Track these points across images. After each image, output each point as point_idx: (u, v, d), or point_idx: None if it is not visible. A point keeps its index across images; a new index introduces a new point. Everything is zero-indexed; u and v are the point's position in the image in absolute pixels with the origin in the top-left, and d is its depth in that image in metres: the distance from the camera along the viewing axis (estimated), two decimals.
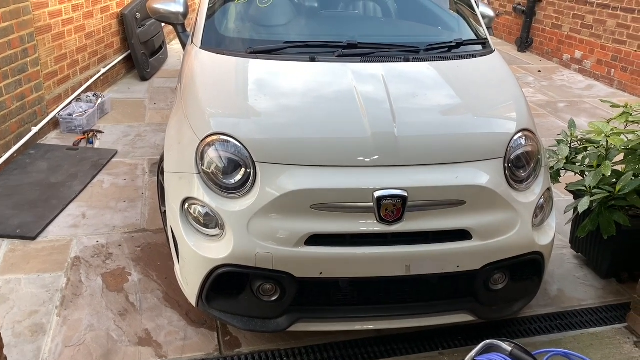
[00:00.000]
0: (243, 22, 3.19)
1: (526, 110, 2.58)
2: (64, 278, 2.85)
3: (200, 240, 2.23)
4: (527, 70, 7.41)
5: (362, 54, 2.74)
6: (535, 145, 2.43)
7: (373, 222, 2.15)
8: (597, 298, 2.91)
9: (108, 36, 5.73)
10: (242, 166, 2.20)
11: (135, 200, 3.63)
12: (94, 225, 3.33)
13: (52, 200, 3.53)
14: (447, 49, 2.92)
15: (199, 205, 2.24)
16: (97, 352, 2.40)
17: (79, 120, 4.58)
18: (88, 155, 4.19)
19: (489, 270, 2.29)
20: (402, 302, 2.36)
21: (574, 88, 6.71)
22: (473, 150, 2.30)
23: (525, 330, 2.65)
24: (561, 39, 7.73)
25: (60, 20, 4.77)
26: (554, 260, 3.12)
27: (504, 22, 9.07)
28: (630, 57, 6.57)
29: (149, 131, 4.78)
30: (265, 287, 2.23)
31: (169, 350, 2.44)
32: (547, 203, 2.46)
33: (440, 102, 2.59)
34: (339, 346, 2.49)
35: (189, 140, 2.35)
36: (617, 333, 2.66)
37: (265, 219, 2.14)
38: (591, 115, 5.63)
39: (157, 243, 3.18)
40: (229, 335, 2.53)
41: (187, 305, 2.62)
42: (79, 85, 5.10)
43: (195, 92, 2.56)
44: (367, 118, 2.30)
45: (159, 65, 6.67)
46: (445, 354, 2.48)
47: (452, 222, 2.21)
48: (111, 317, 2.60)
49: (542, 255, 2.39)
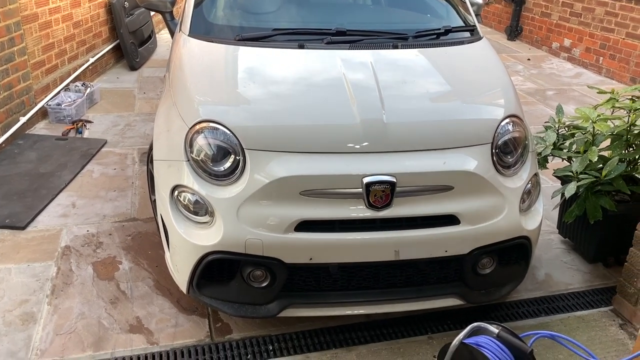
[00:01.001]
0: (231, 9, 3.18)
1: (513, 97, 2.60)
2: (54, 267, 2.85)
3: (190, 228, 2.24)
4: (516, 58, 7.44)
5: (350, 41, 2.74)
6: (522, 131, 2.45)
7: (362, 208, 2.17)
8: (584, 282, 2.95)
9: (96, 25, 5.68)
10: (232, 153, 2.20)
11: (125, 190, 3.63)
12: (84, 214, 3.33)
13: (42, 190, 3.52)
14: (436, 36, 2.93)
15: (188, 192, 2.24)
16: (89, 339, 2.41)
17: (68, 110, 4.55)
18: (77, 145, 4.17)
19: (477, 254, 2.31)
20: (391, 286, 2.38)
21: (562, 76, 6.75)
22: (461, 136, 2.32)
23: (514, 314, 2.69)
24: (550, 27, 7.76)
25: (47, 9, 4.72)
26: (542, 245, 3.16)
27: (494, 11, 9.08)
28: (618, 45, 6.61)
29: (139, 121, 4.76)
30: (255, 274, 2.24)
31: (160, 337, 2.45)
32: (534, 188, 2.48)
33: (429, 88, 2.60)
34: (329, 331, 2.52)
35: (177, 127, 2.35)
36: (603, 316, 2.70)
37: (255, 206, 2.15)
38: (579, 103, 5.67)
39: (148, 232, 3.18)
40: (220, 322, 2.55)
41: (178, 292, 2.63)
42: (67, 74, 5.06)
43: (183, 80, 2.56)
44: (356, 105, 2.31)
45: (148, 54, 6.62)
46: (434, 337, 2.51)
47: (441, 207, 2.23)
48: (102, 305, 2.61)
49: (530, 239, 2.41)
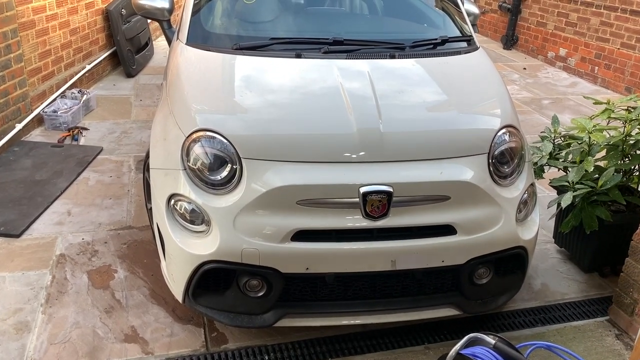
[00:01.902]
0: (229, 18, 3.18)
1: (510, 107, 2.61)
2: (49, 275, 2.83)
3: (186, 237, 2.23)
4: (512, 67, 7.47)
5: (347, 51, 2.75)
6: (518, 141, 2.46)
7: (359, 218, 2.17)
8: (580, 292, 2.95)
9: (93, 32, 5.68)
10: (228, 162, 2.20)
11: (121, 198, 3.61)
12: (80, 222, 3.31)
13: (37, 198, 3.50)
14: (432, 46, 2.94)
15: (185, 201, 2.23)
16: (83, 349, 2.39)
17: (64, 117, 4.54)
18: (73, 152, 4.16)
19: (473, 264, 2.31)
20: (388, 297, 2.38)
21: (558, 85, 6.78)
22: (457, 146, 2.32)
23: (510, 324, 2.68)
24: (546, 36, 7.80)
25: (44, 16, 4.72)
26: (538, 255, 3.16)
27: (490, 20, 9.13)
28: (613, 55, 6.65)
29: (135, 128, 4.75)
30: (251, 283, 2.23)
31: (155, 346, 2.43)
32: (530, 198, 2.49)
33: (425, 98, 2.61)
34: (325, 341, 2.51)
35: (174, 136, 2.35)
36: (599, 326, 2.70)
37: (251, 215, 2.14)
38: (575, 112, 5.70)
39: (143, 240, 3.16)
40: (216, 332, 2.54)
41: (173, 301, 2.61)
42: (63, 81, 5.05)
43: (181, 88, 2.56)
44: (353, 114, 2.31)
45: (145, 61, 6.62)
46: (430, 348, 2.51)
47: (437, 217, 2.23)
48: (97, 314, 2.59)
49: (526, 249, 2.42)
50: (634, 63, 6.37)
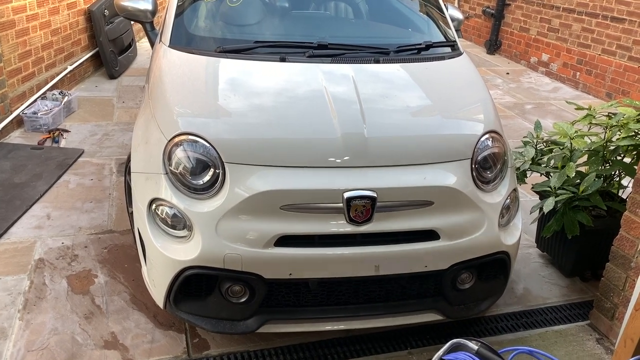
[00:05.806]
0: (213, 20, 3.16)
1: (493, 113, 2.62)
2: (27, 281, 2.78)
3: (168, 242, 2.20)
4: (495, 72, 7.54)
5: (332, 55, 2.74)
6: (501, 147, 2.47)
7: (343, 223, 2.16)
8: (562, 296, 2.97)
9: (75, 33, 5.61)
10: (211, 167, 2.18)
11: (102, 201, 3.56)
12: (59, 226, 3.26)
13: (15, 201, 3.44)
14: (417, 51, 2.95)
15: (166, 206, 2.20)
16: (61, 356, 2.35)
17: (44, 118, 4.48)
18: (53, 155, 4.10)
19: (456, 269, 2.31)
20: (371, 302, 2.37)
21: (540, 90, 6.85)
22: (441, 151, 2.33)
23: (492, 329, 2.69)
24: (529, 42, 7.88)
25: (25, 16, 4.64)
26: (520, 260, 3.18)
27: (474, 25, 9.20)
28: (594, 61, 6.74)
29: (117, 130, 4.70)
30: (234, 289, 2.21)
31: (135, 353, 2.40)
32: (513, 203, 2.50)
33: (410, 103, 2.61)
34: (308, 347, 2.49)
35: (156, 140, 2.32)
36: (580, 330, 2.72)
37: (234, 220, 2.12)
38: (557, 117, 5.76)
39: (124, 244, 3.12)
40: (198, 338, 2.51)
41: (154, 307, 2.58)
42: (44, 82, 4.98)
43: (163, 91, 2.53)
44: (337, 119, 2.30)
45: (128, 63, 6.56)
46: (413, 353, 2.50)
47: (421, 222, 2.23)
48: (76, 320, 2.55)
49: (509, 254, 2.42)
50: (614, 69, 6.46)
